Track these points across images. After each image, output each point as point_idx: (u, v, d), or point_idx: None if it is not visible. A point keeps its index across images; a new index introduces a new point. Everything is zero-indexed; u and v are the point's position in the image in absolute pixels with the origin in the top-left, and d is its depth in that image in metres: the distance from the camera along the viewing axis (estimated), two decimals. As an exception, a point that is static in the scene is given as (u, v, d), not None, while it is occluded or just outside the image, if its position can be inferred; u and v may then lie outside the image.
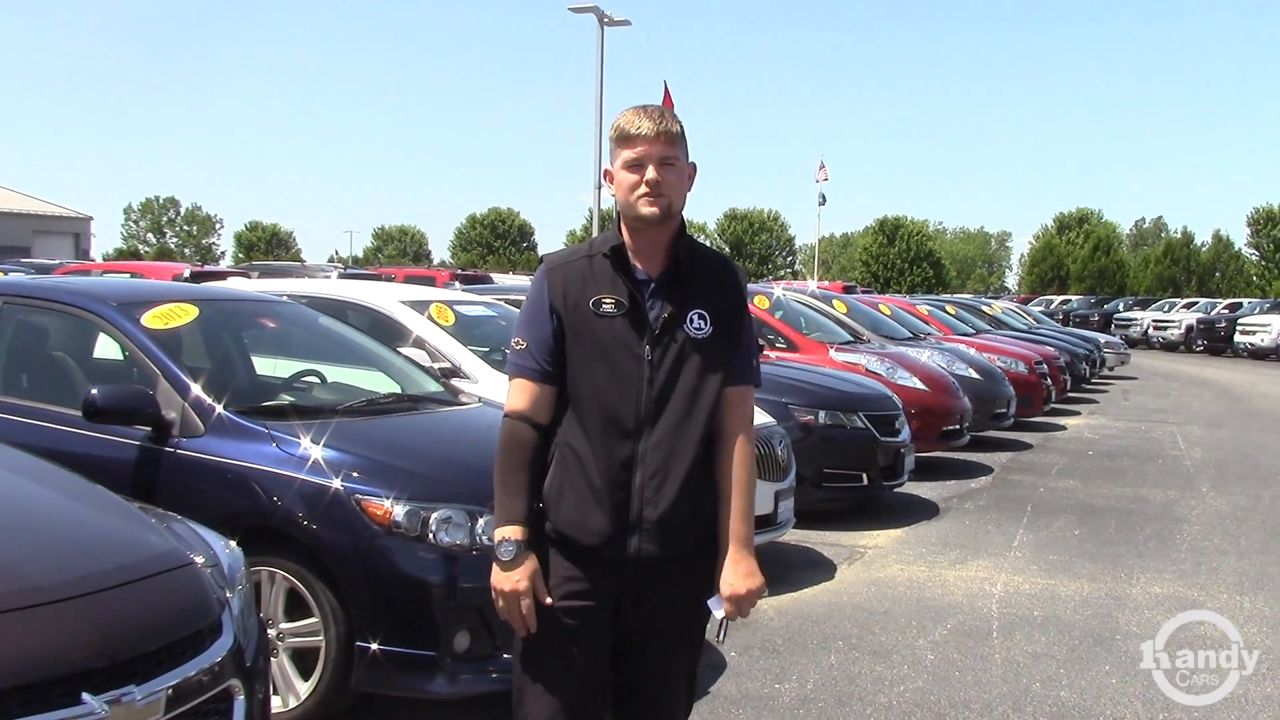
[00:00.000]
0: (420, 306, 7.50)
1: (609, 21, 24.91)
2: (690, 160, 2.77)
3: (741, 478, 2.76)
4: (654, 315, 2.68)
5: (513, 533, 2.66)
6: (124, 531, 3.14)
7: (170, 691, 2.66)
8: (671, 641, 2.79)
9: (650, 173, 2.64)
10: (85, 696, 2.43)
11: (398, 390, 5.56)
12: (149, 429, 4.53)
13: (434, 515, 4.14)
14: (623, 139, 2.69)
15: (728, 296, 2.77)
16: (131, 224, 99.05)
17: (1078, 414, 17.44)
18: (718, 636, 2.90)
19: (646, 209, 2.65)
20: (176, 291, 5.81)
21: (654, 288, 2.71)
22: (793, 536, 7.64)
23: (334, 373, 5.89)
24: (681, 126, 2.72)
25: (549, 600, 2.67)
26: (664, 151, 2.66)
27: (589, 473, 2.65)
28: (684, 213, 2.77)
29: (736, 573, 2.74)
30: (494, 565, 2.68)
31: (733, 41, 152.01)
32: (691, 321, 2.69)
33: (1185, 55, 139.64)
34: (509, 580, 2.66)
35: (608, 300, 2.67)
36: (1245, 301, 46.06)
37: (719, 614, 2.76)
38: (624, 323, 2.66)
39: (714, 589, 2.75)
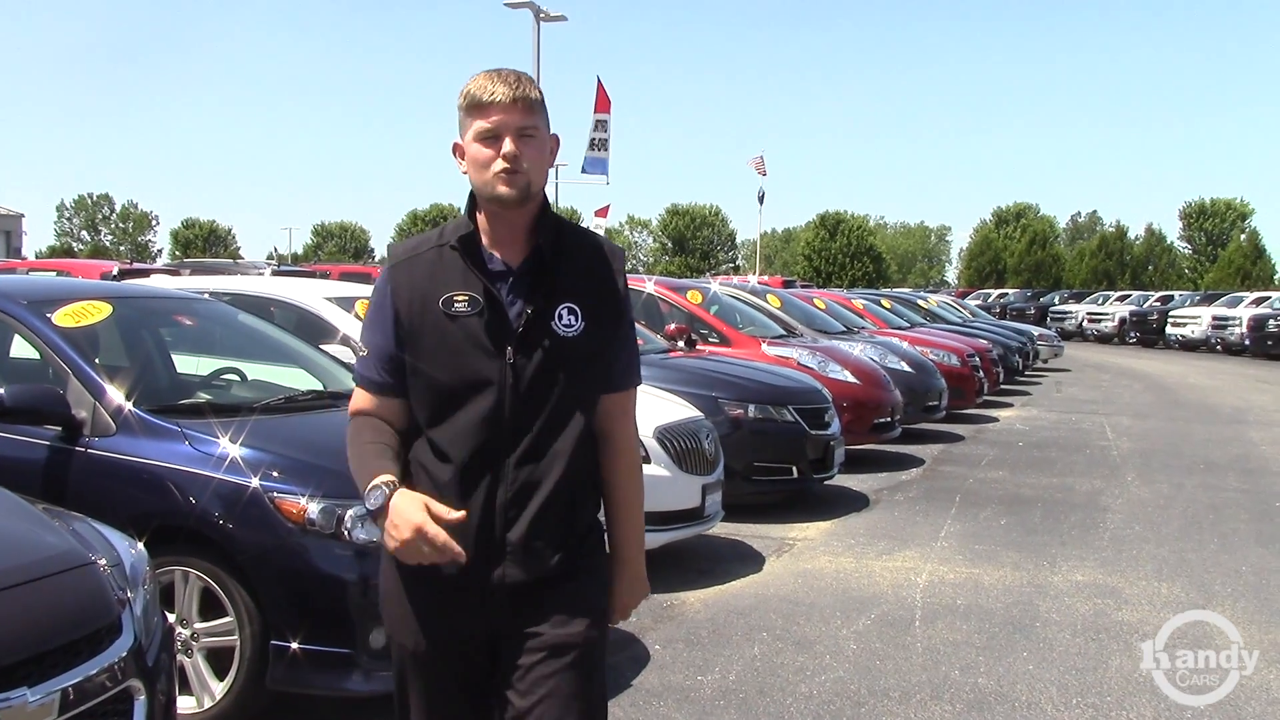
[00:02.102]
0: (346, 303, 7.45)
1: (545, 17, 24.81)
2: (552, 132, 2.42)
3: (628, 489, 2.52)
4: (514, 313, 2.33)
5: (379, 480, 2.28)
6: (19, 532, 3.10)
7: (65, 692, 2.63)
8: (555, 667, 2.37)
9: (507, 145, 2.29)
10: (-28, 699, 2.40)
11: (319, 387, 5.51)
12: (59, 429, 4.47)
13: (349, 512, 4.12)
14: (474, 107, 2.32)
15: (602, 286, 2.42)
16: (64, 221, 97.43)
17: (1010, 406, 17.68)
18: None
19: (503, 189, 2.30)
20: (89, 289, 5.73)
21: (514, 280, 2.36)
22: (722, 529, 7.68)
23: (255, 370, 5.83)
24: (541, 94, 2.37)
25: (456, 515, 2.22)
26: (522, 121, 2.31)
27: (444, 493, 2.30)
28: (615, 205, 2.43)
29: (628, 589, 2.56)
30: (381, 526, 2.27)
31: (671, 36, 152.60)
32: (560, 318, 2.35)
33: (1119, 53, 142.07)
34: (398, 515, 2.21)
35: (460, 298, 2.33)
36: (1177, 294, 46.95)
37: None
38: (479, 323, 2.32)
39: (600, 604, 2.50)
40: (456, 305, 2.33)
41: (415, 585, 2.39)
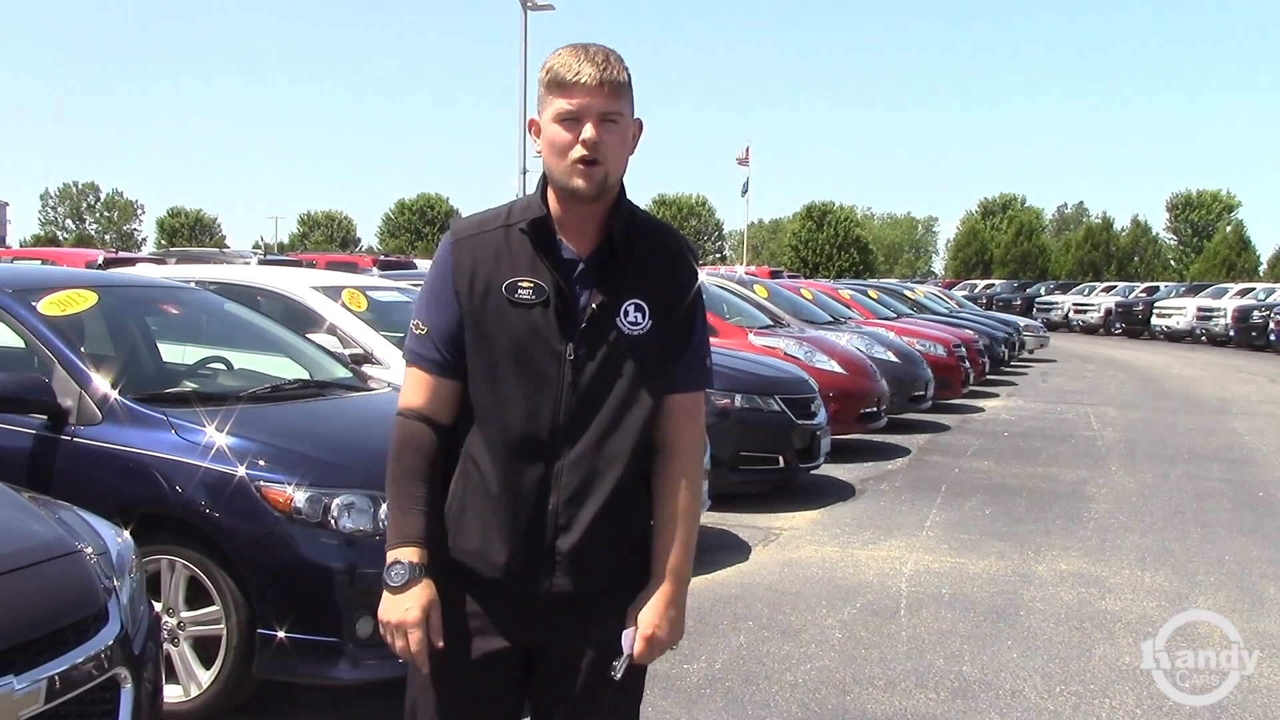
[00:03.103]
0: (332, 293, 7.44)
1: (533, 6, 24.80)
2: (635, 116, 2.27)
3: (686, 503, 2.32)
4: (581, 305, 2.20)
5: (406, 554, 2.22)
6: (4, 520, 3.09)
7: (52, 680, 2.63)
8: (596, 689, 2.30)
9: (588, 131, 2.15)
10: (-41, 687, 2.40)
11: (305, 376, 5.51)
12: (45, 417, 4.46)
13: (336, 501, 4.12)
14: (556, 85, 2.16)
15: (673, 283, 2.28)
16: (49, 210, 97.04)
17: (996, 396, 17.73)
18: (612, 672, 2.31)
19: (579, 181, 2.16)
20: (75, 278, 5.73)
21: (582, 271, 2.23)
22: (709, 519, 7.70)
23: (241, 359, 5.82)
24: (629, 76, 2.21)
25: (440, 644, 2.23)
26: (606, 106, 2.16)
27: (493, 493, 2.21)
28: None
29: (663, 614, 2.29)
30: (383, 593, 2.24)
31: (658, 25, 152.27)
32: (626, 314, 2.22)
33: (1106, 44, 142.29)
34: (398, 609, 2.20)
35: (525, 285, 2.19)
36: (1162, 285, 47.16)
37: (627, 649, 2.29)
38: (543, 314, 2.18)
39: (628, 621, 2.31)
40: (521, 292, 2.19)
41: (453, 592, 2.27)
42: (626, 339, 2.21)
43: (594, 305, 2.20)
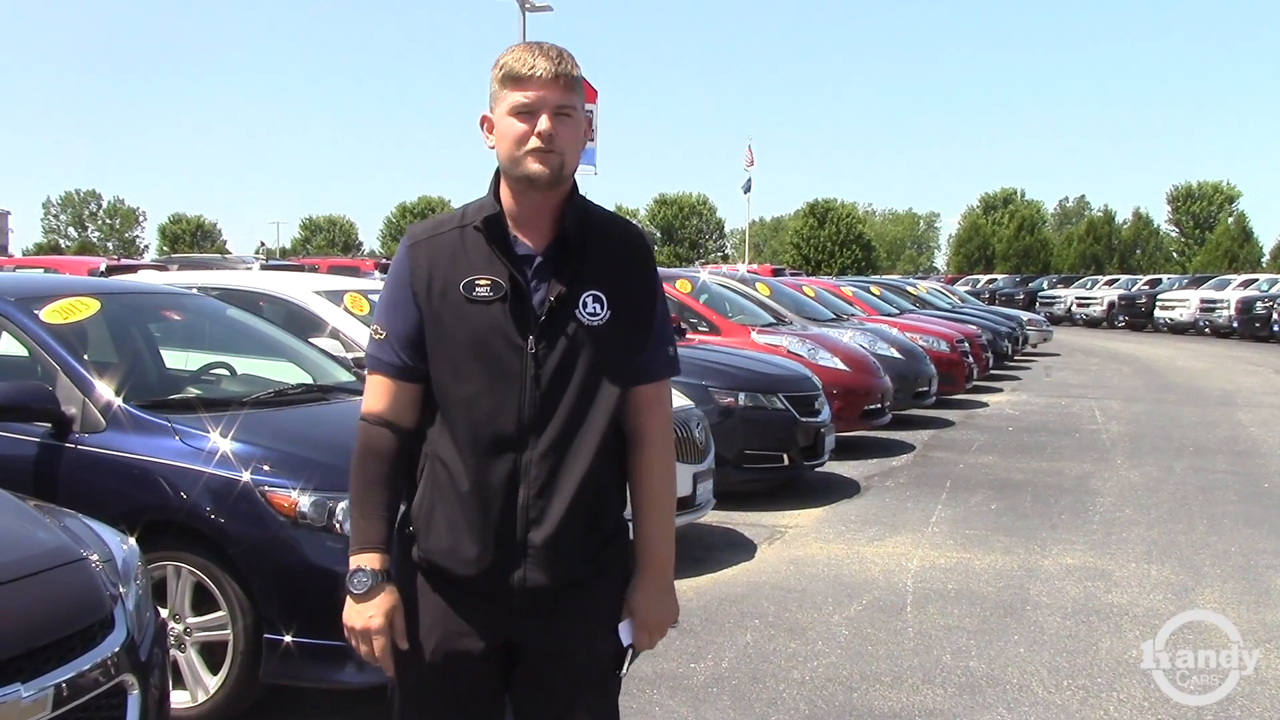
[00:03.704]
0: (335, 297, 7.45)
1: (531, 7, 24.74)
2: (585, 112, 2.30)
3: (660, 491, 2.38)
4: (538, 299, 2.22)
5: (369, 561, 2.25)
6: (10, 528, 3.10)
7: (59, 688, 2.64)
8: (577, 686, 2.32)
9: (543, 123, 2.18)
10: (-34, 695, 2.41)
11: (308, 381, 5.51)
12: (49, 425, 4.46)
13: (340, 505, 4.11)
14: (511, 79, 2.20)
15: (630, 272, 2.31)
16: (51, 218, 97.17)
17: (1000, 391, 17.72)
18: (620, 669, 2.40)
19: (535, 167, 2.19)
20: (77, 285, 5.72)
21: (539, 264, 2.25)
22: (714, 518, 7.70)
23: (244, 364, 5.82)
24: (580, 71, 2.26)
25: (405, 646, 2.28)
26: (561, 99, 2.20)
27: (462, 490, 2.22)
28: (603, 195, 2.32)
29: (654, 601, 2.37)
30: (347, 599, 2.28)
31: (657, 25, 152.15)
32: (584, 306, 2.23)
33: (1106, 38, 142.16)
34: (361, 616, 2.25)
35: (482, 283, 2.22)
36: (1165, 278, 47.10)
37: (627, 641, 2.36)
38: (502, 309, 2.21)
39: (621, 614, 2.37)
40: (479, 290, 2.22)
41: (428, 589, 2.30)
42: (586, 330, 2.24)
43: (552, 298, 2.22)
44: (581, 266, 2.26)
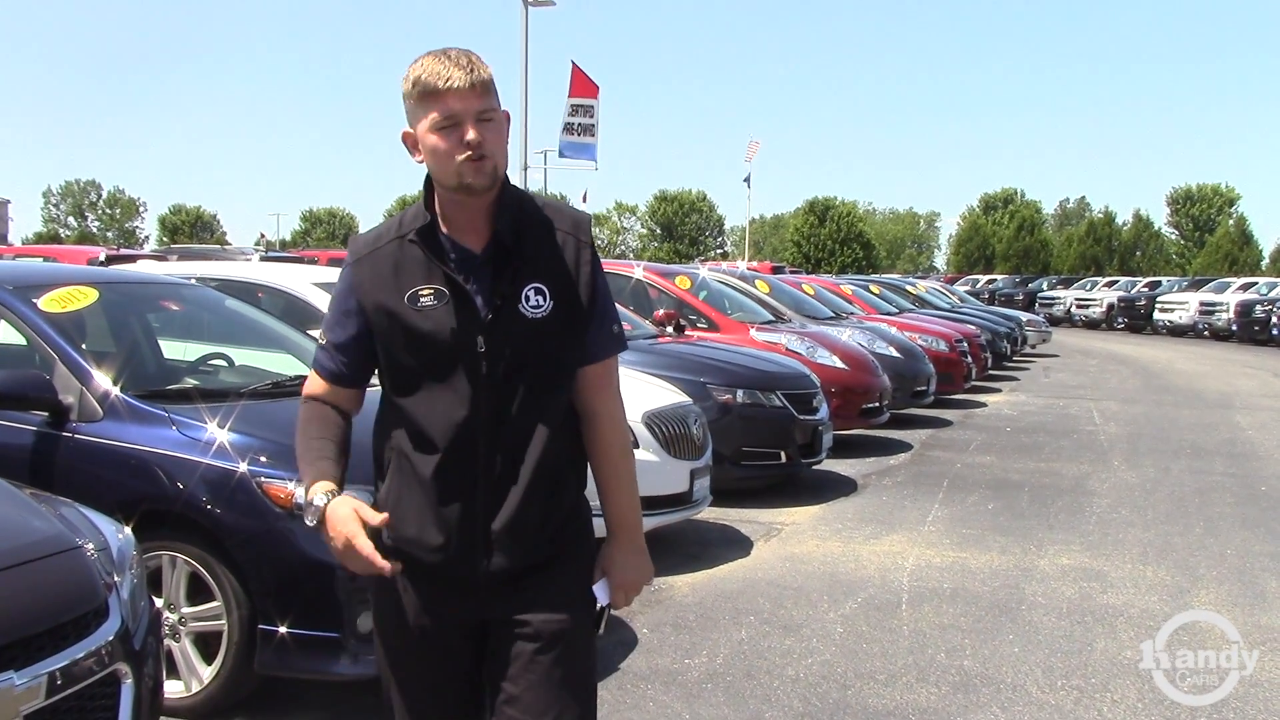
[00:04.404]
0: (333, 289, 7.42)
1: (533, 2, 24.69)
2: (502, 108, 2.30)
3: (620, 463, 2.47)
4: (481, 301, 2.28)
5: (315, 491, 2.28)
6: (5, 516, 3.09)
7: (53, 676, 2.64)
8: (547, 651, 2.36)
9: (470, 133, 2.21)
10: (-41, 681, 2.40)
11: (306, 373, 5.49)
12: (46, 414, 4.46)
13: (337, 497, 4.11)
14: (428, 95, 2.22)
15: (568, 260, 2.35)
16: (51, 207, 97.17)
17: (998, 391, 17.72)
18: (598, 628, 2.51)
19: (472, 178, 2.23)
20: (75, 274, 5.71)
21: (480, 265, 2.31)
22: (711, 514, 7.70)
23: (242, 355, 5.82)
24: (490, 70, 2.27)
25: (383, 518, 2.26)
26: (480, 105, 2.22)
27: (425, 482, 2.30)
28: (603, 191, 2.33)
29: (628, 561, 2.48)
30: (321, 532, 2.30)
31: (659, 22, 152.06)
32: (527, 299, 2.29)
33: (1107, 39, 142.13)
34: (338, 536, 2.23)
35: (425, 292, 2.28)
36: (1164, 280, 47.05)
37: (603, 601, 2.47)
38: (448, 314, 2.27)
39: (592, 580, 2.47)
40: (423, 300, 2.29)
41: (402, 577, 2.36)
42: (532, 323, 2.29)
43: (496, 297, 2.28)
44: (521, 261, 2.31)
